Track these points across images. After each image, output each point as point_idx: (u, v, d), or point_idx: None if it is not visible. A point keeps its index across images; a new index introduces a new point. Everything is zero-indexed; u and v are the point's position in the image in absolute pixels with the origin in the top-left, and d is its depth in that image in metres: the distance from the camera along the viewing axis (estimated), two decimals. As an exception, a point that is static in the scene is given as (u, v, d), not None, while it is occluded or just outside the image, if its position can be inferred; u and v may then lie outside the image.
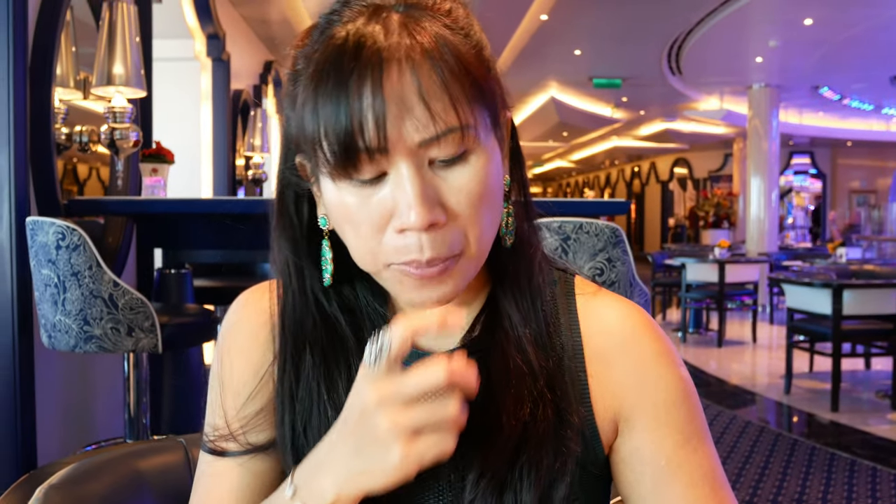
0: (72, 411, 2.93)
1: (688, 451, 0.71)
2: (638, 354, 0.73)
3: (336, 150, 0.61)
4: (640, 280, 2.12)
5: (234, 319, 0.80)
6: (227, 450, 0.76)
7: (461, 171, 0.63)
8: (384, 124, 0.59)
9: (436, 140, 0.61)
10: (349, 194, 0.63)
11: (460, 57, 0.62)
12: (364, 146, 0.60)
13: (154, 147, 3.31)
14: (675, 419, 0.72)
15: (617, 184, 25.99)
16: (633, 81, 11.46)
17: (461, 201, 0.63)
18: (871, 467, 3.98)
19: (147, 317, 2.23)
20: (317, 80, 0.62)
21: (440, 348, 0.75)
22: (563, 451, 0.69)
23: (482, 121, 0.64)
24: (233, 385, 0.77)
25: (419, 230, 0.61)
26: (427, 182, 0.62)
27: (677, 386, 0.73)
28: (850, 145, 18.04)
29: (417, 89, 0.60)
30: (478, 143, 0.64)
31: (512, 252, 0.74)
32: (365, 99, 0.59)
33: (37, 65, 2.61)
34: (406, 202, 0.61)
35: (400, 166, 0.61)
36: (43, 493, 0.91)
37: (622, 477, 0.74)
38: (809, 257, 9.86)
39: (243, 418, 0.76)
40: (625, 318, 0.74)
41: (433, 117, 0.60)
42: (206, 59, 5.51)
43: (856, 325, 5.34)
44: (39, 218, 2.24)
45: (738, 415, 5.10)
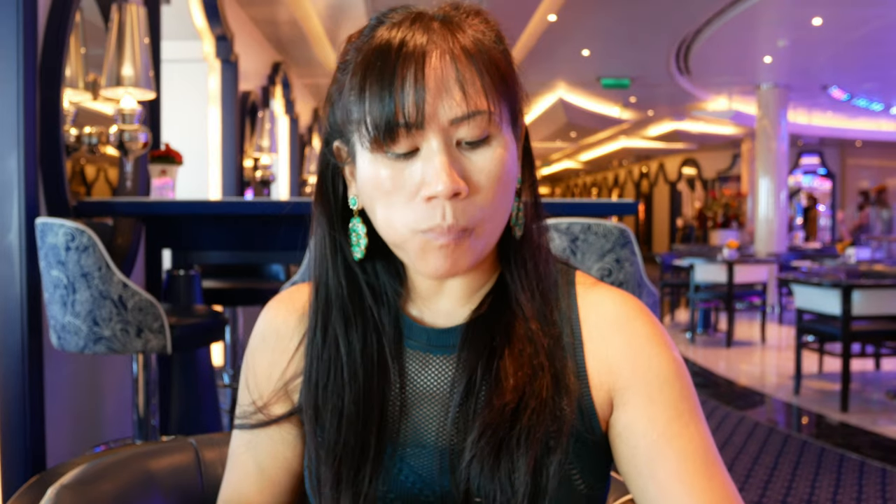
0: (81, 412, 2.94)
1: (680, 425, 0.75)
2: (631, 334, 0.78)
3: (379, 123, 0.70)
4: (649, 281, 2.11)
5: (261, 324, 0.90)
6: (255, 421, 0.86)
7: (483, 152, 0.72)
8: (423, 103, 0.69)
9: (465, 119, 0.70)
10: (384, 167, 0.72)
11: (493, 56, 0.73)
12: (404, 121, 0.69)
13: (163, 149, 3.32)
14: (668, 396, 0.76)
15: (625, 184, 25.94)
16: (642, 81, 11.44)
17: (481, 180, 0.72)
18: (880, 468, 3.96)
19: (156, 318, 2.24)
20: (365, 65, 0.72)
21: (450, 323, 0.82)
22: (559, 418, 0.75)
23: (505, 114, 0.74)
24: (257, 378, 0.88)
25: (445, 197, 0.69)
26: (454, 157, 0.71)
27: (669, 366, 0.77)
28: (860, 145, 17.96)
29: (455, 75, 0.70)
30: (500, 131, 0.73)
31: (521, 242, 0.81)
32: (408, 81, 0.69)
33: (46, 66, 2.62)
34: (435, 172, 0.69)
35: (431, 142, 0.70)
36: (55, 493, 0.92)
37: (618, 451, 0.77)
38: (819, 258, 9.82)
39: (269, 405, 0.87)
40: (619, 303, 0.80)
41: (466, 99, 0.70)
42: (215, 61, 5.52)
43: (865, 325, 5.31)
44: (49, 219, 2.25)
45: (747, 416, 5.09)
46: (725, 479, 0.74)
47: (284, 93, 7.75)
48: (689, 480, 0.73)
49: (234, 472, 0.89)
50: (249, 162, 6.08)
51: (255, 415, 0.87)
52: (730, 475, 0.77)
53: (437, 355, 0.81)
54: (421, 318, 0.84)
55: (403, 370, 0.82)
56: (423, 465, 0.77)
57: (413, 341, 0.82)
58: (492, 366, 0.77)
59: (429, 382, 0.81)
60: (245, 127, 6.05)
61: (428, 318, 0.84)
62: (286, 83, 7.75)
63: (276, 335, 0.88)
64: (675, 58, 10.09)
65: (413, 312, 0.84)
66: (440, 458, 0.77)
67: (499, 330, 0.78)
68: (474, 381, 0.77)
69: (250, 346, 0.90)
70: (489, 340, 0.78)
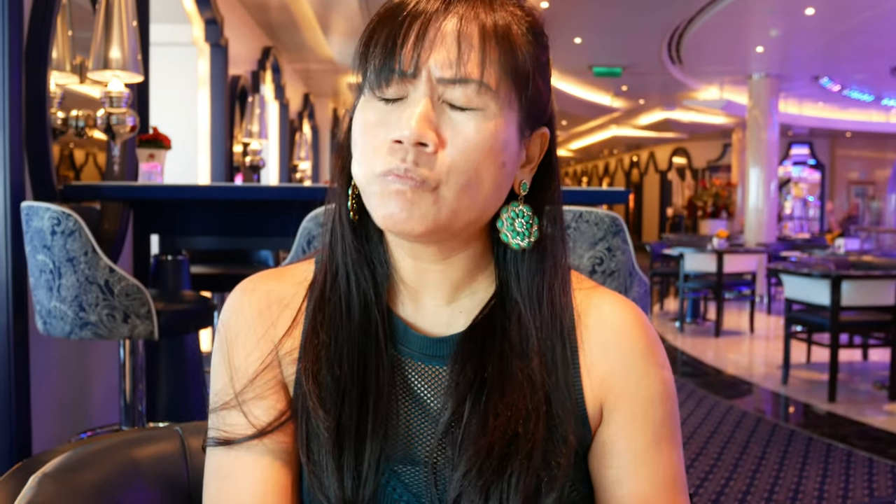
0: (67, 398, 2.92)
1: (655, 452, 0.75)
2: (627, 348, 0.77)
3: (378, 66, 0.70)
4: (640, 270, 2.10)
5: (236, 309, 0.82)
6: (235, 437, 0.76)
7: (467, 118, 0.69)
8: (419, 52, 0.68)
9: (452, 83, 0.68)
10: (373, 111, 0.71)
11: (513, 35, 0.71)
12: (398, 67, 0.69)
13: (151, 132, 3.29)
14: (651, 419, 0.76)
15: (615, 173, 25.97)
16: (634, 70, 11.42)
17: (455, 139, 0.69)
18: (867, 458, 3.98)
19: (143, 303, 2.21)
20: (379, 19, 0.72)
21: (441, 331, 0.79)
22: (554, 465, 0.72)
23: (507, 97, 0.71)
24: (243, 365, 0.79)
25: (410, 143, 0.67)
26: (433, 111, 0.69)
27: (658, 387, 0.77)
28: (850, 136, 18.01)
29: (456, 32, 0.69)
30: (494, 110, 0.70)
31: (528, 258, 0.77)
32: (413, 31, 0.69)
33: (32, 48, 2.58)
34: (408, 117, 0.68)
35: (419, 90, 0.69)
36: (37, 482, 0.90)
37: (590, 460, 0.77)
38: (808, 248, 9.86)
39: (250, 379, 0.78)
40: (619, 312, 0.78)
41: (459, 61, 0.68)
42: (204, 45, 5.47)
43: (854, 315, 5.33)
44: (34, 203, 2.22)
45: (734, 405, 5.10)
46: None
47: (274, 78, 7.70)
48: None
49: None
50: (239, 147, 6.05)
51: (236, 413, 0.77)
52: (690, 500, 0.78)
53: (429, 365, 0.78)
54: (409, 321, 0.79)
55: (398, 375, 0.78)
56: (415, 483, 0.74)
57: (405, 347, 0.78)
58: (481, 398, 0.73)
59: (420, 393, 0.77)
60: (234, 112, 6.01)
61: (417, 321, 0.79)
62: (276, 68, 7.69)
63: (252, 309, 0.81)
64: (668, 46, 10.07)
65: (401, 312, 0.80)
66: (433, 478, 0.74)
67: (492, 361, 0.74)
68: (462, 412, 0.73)
69: (230, 333, 0.81)
70: (481, 370, 0.74)
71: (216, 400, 0.79)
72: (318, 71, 9.58)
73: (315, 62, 8.99)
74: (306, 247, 1.84)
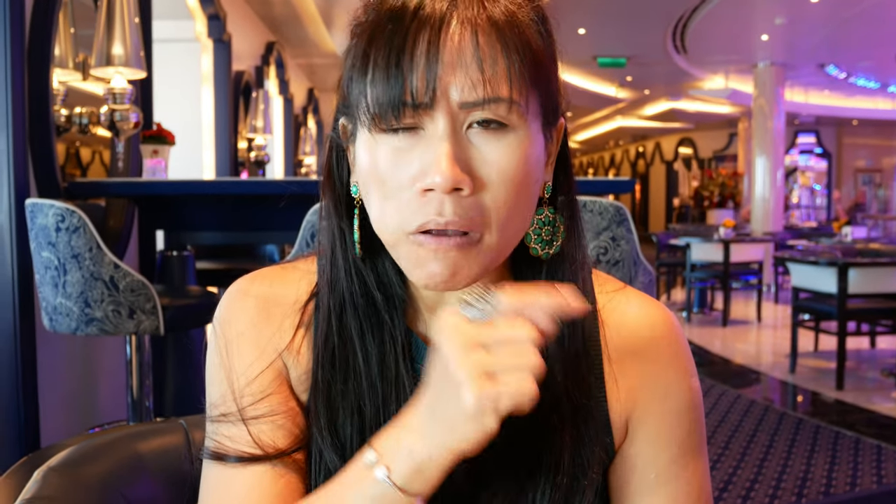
0: (75, 394, 2.93)
1: (679, 467, 0.72)
2: (655, 358, 0.72)
3: (381, 99, 0.60)
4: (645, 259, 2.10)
5: (234, 308, 0.76)
6: (237, 453, 0.70)
7: (498, 144, 0.61)
8: (434, 79, 0.59)
9: (480, 105, 0.60)
10: (382, 150, 0.62)
11: (528, 36, 0.62)
12: (412, 99, 0.59)
13: (154, 129, 3.29)
14: (677, 432, 0.72)
15: (621, 164, 25.89)
16: (638, 60, 11.37)
17: (491, 175, 0.61)
18: (875, 445, 3.97)
19: (148, 299, 2.22)
20: (373, 28, 0.61)
21: None
22: (581, 481, 0.68)
23: (534, 106, 0.63)
24: (242, 368, 0.73)
25: (443, 191, 0.59)
26: (461, 146, 0.60)
27: (686, 396, 0.73)
28: (856, 124, 17.92)
29: (474, 49, 0.59)
30: (522, 125, 0.62)
31: (548, 265, 0.71)
32: (419, 51, 0.59)
33: (35, 45, 2.58)
34: (435, 160, 0.59)
35: (438, 124, 0.60)
36: (42, 476, 0.91)
37: (611, 476, 0.74)
38: (815, 236, 9.83)
39: (254, 394, 0.72)
40: (645, 317, 0.74)
41: (484, 81, 0.59)
42: (207, 41, 5.47)
43: (861, 303, 5.32)
44: (39, 200, 2.23)
45: (742, 394, 5.10)
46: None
47: (278, 73, 7.69)
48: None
49: None
50: (244, 143, 6.05)
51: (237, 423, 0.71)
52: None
53: None
54: (428, 338, 0.73)
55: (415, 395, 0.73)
56: None
57: (420, 364, 0.71)
58: (504, 420, 0.68)
59: None
60: (239, 107, 6.01)
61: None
62: (280, 63, 7.69)
63: (250, 310, 0.75)
64: (672, 36, 10.02)
65: (420, 329, 0.73)
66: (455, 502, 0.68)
67: None
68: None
69: (230, 333, 0.75)
70: None
71: (215, 410, 0.73)
72: (323, 65, 9.57)
73: (319, 57, 8.98)
74: (310, 240, 1.84)
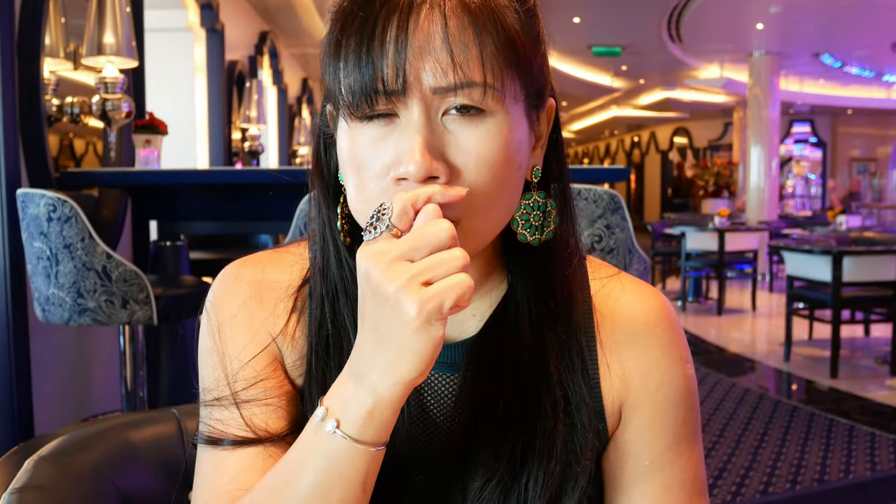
0: (69, 385, 2.92)
1: (674, 454, 0.71)
2: (649, 345, 0.72)
3: (353, 87, 0.59)
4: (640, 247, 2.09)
5: (226, 292, 0.77)
6: (232, 436, 0.70)
7: (474, 130, 0.60)
8: (404, 64, 0.58)
9: (452, 91, 0.58)
10: (360, 137, 0.61)
11: (503, 18, 0.61)
12: (383, 87, 0.58)
13: (147, 118, 3.27)
14: (671, 419, 0.71)
15: (617, 154, 25.87)
16: (633, 49, 11.34)
17: (467, 163, 0.60)
18: (869, 433, 3.98)
19: (141, 289, 2.21)
20: (345, 16, 0.61)
21: (451, 336, 0.72)
22: (574, 467, 0.67)
23: (512, 89, 0.61)
24: (236, 352, 0.73)
25: (416, 180, 0.58)
26: (434, 133, 0.59)
27: (680, 384, 0.72)
28: (851, 113, 17.92)
29: (443, 33, 0.58)
30: (501, 109, 0.61)
31: (540, 252, 0.69)
32: (388, 35, 0.58)
33: (24, 35, 2.56)
34: (408, 148, 0.58)
35: (412, 111, 0.59)
36: (32, 465, 0.90)
37: (604, 461, 0.74)
38: (809, 225, 9.84)
39: (247, 378, 0.72)
40: (639, 303, 0.73)
41: (454, 66, 0.58)
42: (200, 30, 5.44)
43: (855, 291, 5.33)
44: (30, 190, 2.21)
45: (737, 382, 5.11)
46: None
47: (272, 63, 7.65)
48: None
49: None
50: (238, 134, 6.03)
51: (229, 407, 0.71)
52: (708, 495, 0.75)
53: (439, 373, 0.71)
54: None
55: None
56: (424, 496, 0.70)
57: None
58: (496, 403, 0.67)
59: (428, 402, 0.72)
60: (232, 97, 5.98)
61: None
62: (274, 53, 7.65)
63: (242, 294, 0.76)
64: (667, 25, 10.00)
65: None
66: (445, 490, 0.69)
67: (508, 363, 0.68)
68: (476, 418, 0.67)
69: (223, 316, 0.76)
70: (495, 374, 0.68)
71: (209, 394, 0.73)
72: (317, 55, 9.32)
73: (313, 46, 8.94)
74: (303, 229, 1.83)
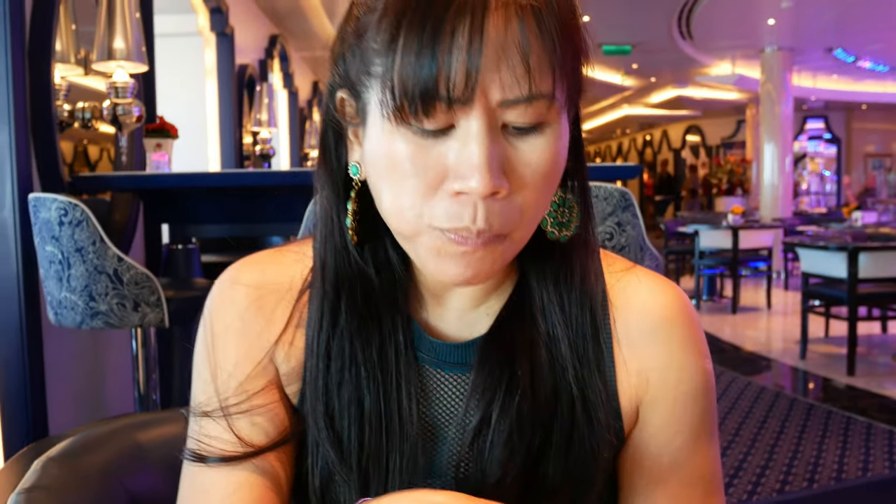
0: (82, 389, 2.93)
1: (692, 451, 0.70)
2: (667, 340, 0.69)
3: (411, 89, 0.53)
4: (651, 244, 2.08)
5: (223, 299, 0.73)
6: (218, 453, 0.67)
7: (535, 142, 0.57)
8: (476, 73, 0.53)
9: (523, 103, 0.55)
10: (403, 142, 0.56)
11: (567, 21, 0.57)
12: (447, 93, 0.53)
13: (157, 122, 3.29)
14: (690, 416, 0.70)
15: (629, 153, 25.80)
16: (644, 47, 11.31)
17: (527, 175, 0.57)
18: (887, 430, 3.95)
19: (153, 291, 2.22)
20: (403, 5, 0.54)
21: (463, 335, 0.70)
22: (592, 466, 0.66)
23: (564, 98, 0.59)
24: (229, 365, 0.70)
25: (480, 197, 0.55)
26: (497, 146, 0.56)
27: (699, 379, 0.70)
28: (865, 108, 17.79)
29: (520, 41, 0.54)
30: (557, 119, 0.58)
31: (557, 246, 0.67)
32: (459, 38, 0.52)
33: (35, 40, 2.58)
34: (471, 163, 0.54)
35: (472, 122, 0.55)
36: (41, 466, 0.90)
37: (620, 462, 0.72)
38: (824, 222, 9.77)
39: (240, 393, 0.68)
40: (656, 297, 0.70)
41: (530, 77, 0.54)
42: (210, 34, 5.46)
43: (872, 288, 5.28)
44: (41, 194, 2.22)
45: (753, 381, 5.07)
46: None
47: (282, 66, 7.67)
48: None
49: None
50: (249, 138, 6.05)
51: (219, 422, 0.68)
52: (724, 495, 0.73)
53: (449, 373, 0.69)
54: (430, 325, 0.70)
55: (418, 386, 0.69)
56: None
57: (423, 354, 0.69)
58: (511, 403, 0.65)
59: (442, 405, 0.69)
60: (243, 101, 6.00)
61: (439, 325, 0.70)
62: (284, 56, 7.67)
63: (240, 301, 0.72)
64: (677, 22, 9.96)
65: (422, 315, 0.71)
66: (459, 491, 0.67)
67: (521, 361, 0.66)
68: (490, 418, 0.65)
69: (218, 327, 0.72)
70: (508, 373, 0.66)
71: (199, 408, 0.70)
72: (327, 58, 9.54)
73: (323, 49, 8.88)
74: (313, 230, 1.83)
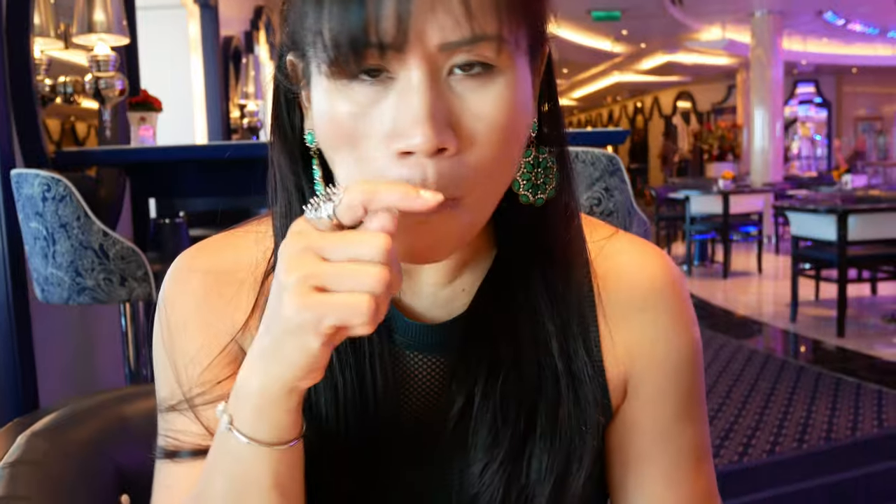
0: (72, 366, 2.93)
1: (683, 424, 0.68)
2: (656, 312, 0.66)
3: (339, 38, 0.49)
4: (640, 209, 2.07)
5: (178, 289, 0.68)
6: (183, 447, 0.64)
7: (485, 92, 0.52)
8: (408, 15, 0.48)
9: (464, 46, 0.50)
10: (343, 101, 0.52)
11: None
12: (377, 39, 0.48)
13: (140, 95, 3.25)
14: (678, 388, 0.67)
15: (620, 120, 25.73)
16: (633, 13, 11.22)
17: (478, 129, 0.52)
18: (876, 390, 3.98)
19: (139, 266, 2.20)
20: None
21: (440, 315, 0.66)
22: (579, 445, 0.63)
23: (522, 40, 0.53)
24: (190, 355, 0.65)
25: (424, 154, 0.50)
26: (441, 98, 0.50)
27: (689, 350, 0.68)
28: (856, 72, 17.74)
29: None
30: (511, 65, 0.52)
31: (535, 213, 0.62)
32: None
33: (13, 13, 2.54)
34: (412, 118, 0.49)
35: (412, 72, 0.50)
36: (25, 441, 0.89)
37: (608, 438, 0.69)
38: (814, 186, 9.79)
39: (204, 383, 0.64)
40: (644, 267, 0.67)
41: (469, 16, 0.49)
42: (194, 6, 5.38)
43: (861, 250, 5.30)
44: (24, 170, 2.20)
45: (744, 344, 5.11)
46: (710, 477, 0.70)
47: (268, 38, 7.59)
48: (675, 483, 0.68)
49: None
50: (236, 111, 6.00)
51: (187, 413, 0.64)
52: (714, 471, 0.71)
53: (428, 356, 0.65)
54: (404, 304, 0.65)
55: (396, 370, 0.65)
56: (424, 486, 0.65)
57: (399, 336, 0.65)
58: (494, 386, 0.62)
59: (421, 390, 0.66)
60: (229, 74, 5.94)
61: (413, 304, 0.65)
62: (270, 28, 7.59)
63: (197, 287, 0.67)
64: (667, -13, 9.89)
65: (396, 296, 0.65)
66: (444, 478, 0.65)
67: (502, 340, 0.63)
68: (472, 401, 0.62)
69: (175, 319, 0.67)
70: (490, 353, 0.62)
71: (164, 403, 0.66)
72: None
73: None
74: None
